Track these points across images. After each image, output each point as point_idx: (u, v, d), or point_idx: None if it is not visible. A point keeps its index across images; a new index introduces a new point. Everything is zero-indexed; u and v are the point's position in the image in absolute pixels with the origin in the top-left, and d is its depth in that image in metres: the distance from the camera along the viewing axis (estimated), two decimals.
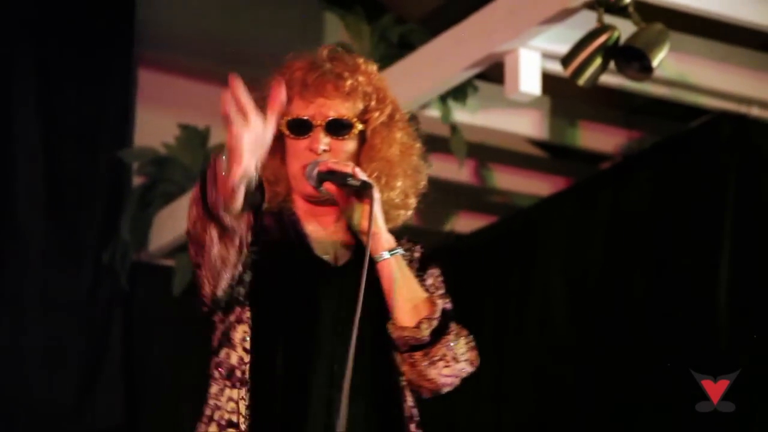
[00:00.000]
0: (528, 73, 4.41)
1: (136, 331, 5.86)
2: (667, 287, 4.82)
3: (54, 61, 5.70)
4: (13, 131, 5.57)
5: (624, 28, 4.26)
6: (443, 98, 4.98)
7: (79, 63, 5.76)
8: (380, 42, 5.16)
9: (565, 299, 5.31)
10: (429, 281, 2.35)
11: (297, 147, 2.29)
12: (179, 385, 5.65)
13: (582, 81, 4.29)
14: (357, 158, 2.31)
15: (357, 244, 2.29)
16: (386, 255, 2.23)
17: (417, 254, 2.39)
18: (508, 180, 5.95)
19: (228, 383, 2.18)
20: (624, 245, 5.09)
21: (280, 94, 2.00)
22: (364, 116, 2.32)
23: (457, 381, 2.27)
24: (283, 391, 2.16)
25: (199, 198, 2.07)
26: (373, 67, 2.39)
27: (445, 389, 2.27)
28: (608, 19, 4.28)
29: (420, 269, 2.34)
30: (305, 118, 2.28)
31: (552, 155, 5.87)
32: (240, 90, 1.97)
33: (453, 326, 2.28)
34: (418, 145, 2.39)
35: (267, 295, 2.21)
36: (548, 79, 4.53)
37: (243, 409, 2.15)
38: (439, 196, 6.88)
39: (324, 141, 2.27)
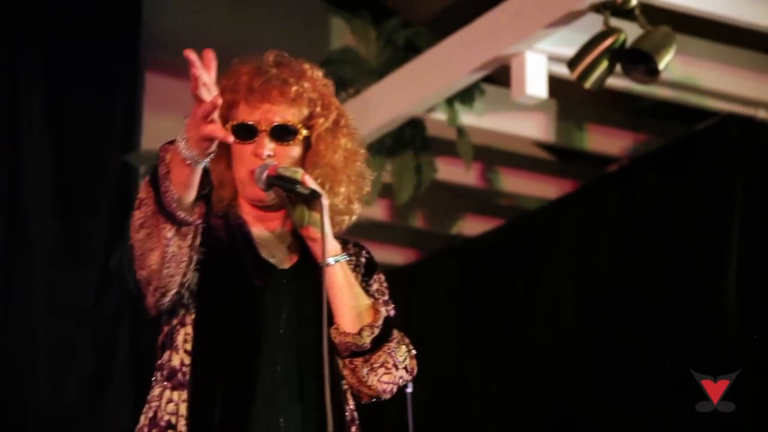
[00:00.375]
0: (534, 76, 4.42)
1: (144, 334, 5.86)
2: (674, 289, 4.82)
3: (61, 66, 5.70)
4: (21, 135, 5.58)
5: (630, 31, 4.26)
6: (450, 101, 4.98)
7: (86, 67, 5.77)
8: (386, 46, 5.16)
9: (572, 301, 5.31)
10: (374, 286, 2.36)
11: (242, 152, 2.30)
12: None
13: (588, 84, 4.30)
14: (302, 164, 2.33)
15: (302, 248, 2.31)
16: (331, 261, 2.24)
17: (363, 259, 2.39)
18: (514, 183, 5.95)
19: (168, 385, 2.20)
20: (631, 248, 5.08)
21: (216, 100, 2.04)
22: (308, 122, 2.33)
23: (395, 389, 2.29)
24: (225, 392, 2.17)
25: (151, 197, 2.09)
26: (319, 73, 2.38)
27: (384, 396, 2.29)
28: (614, 22, 4.28)
29: (366, 274, 2.36)
30: (250, 123, 2.30)
31: (559, 158, 5.87)
32: (210, 67, 2.06)
33: (395, 333, 2.28)
34: (362, 151, 2.38)
35: (212, 297, 2.23)
36: (555, 82, 4.54)
37: (183, 411, 2.16)
38: (447, 199, 6.91)
39: (269, 146, 2.29)
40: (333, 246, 2.25)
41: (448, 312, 5.99)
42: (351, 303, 2.24)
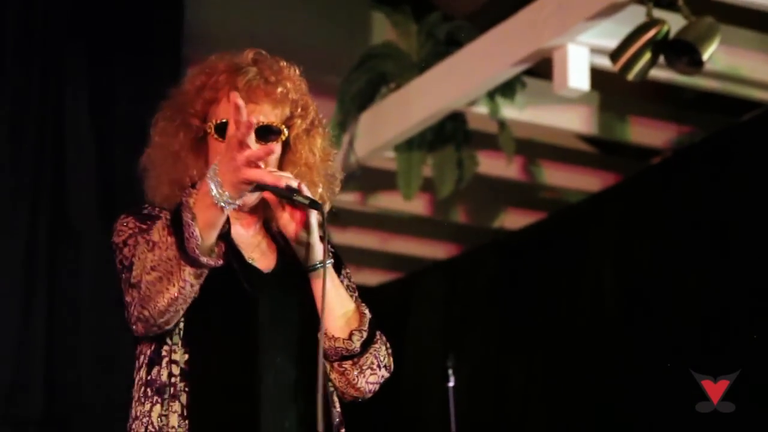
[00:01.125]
0: (576, 69, 4.39)
1: None
2: (719, 281, 4.77)
3: (104, 63, 5.75)
4: (65, 133, 5.63)
5: (673, 22, 4.23)
6: (491, 95, 4.97)
7: (128, 64, 5.81)
8: (427, 40, 5.16)
9: (616, 295, 5.28)
10: (344, 283, 2.34)
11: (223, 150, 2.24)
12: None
13: (631, 76, 4.27)
14: (280, 163, 2.31)
15: (278, 248, 2.30)
16: (318, 266, 2.23)
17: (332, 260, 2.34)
18: (557, 176, 5.92)
19: (159, 399, 2.18)
20: (675, 240, 5.04)
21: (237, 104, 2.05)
22: (288, 122, 2.32)
23: (377, 388, 2.31)
24: (228, 398, 2.17)
25: (172, 242, 2.07)
26: (297, 72, 2.36)
27: (367, 396, 2.31)
28: (657, 13, 4.25)
29: (336, 270, 2.33)
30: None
31: (601, 151, 5.84)
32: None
33: (378, 334, 2.29)
34: (335, 151, 2.38)
35: (204, 303, 2.18)
36: (597, 75, 4.51)
37: (174, 422, 2.15)
38: (488, 193, 6.90)
39: (253, 146, 2.21)
40: (319, 250, 2.23)
41: (490, 306, 5.98)
42: (339, 308, 2.25)
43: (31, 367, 5.40)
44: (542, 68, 4.74)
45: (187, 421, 2.15)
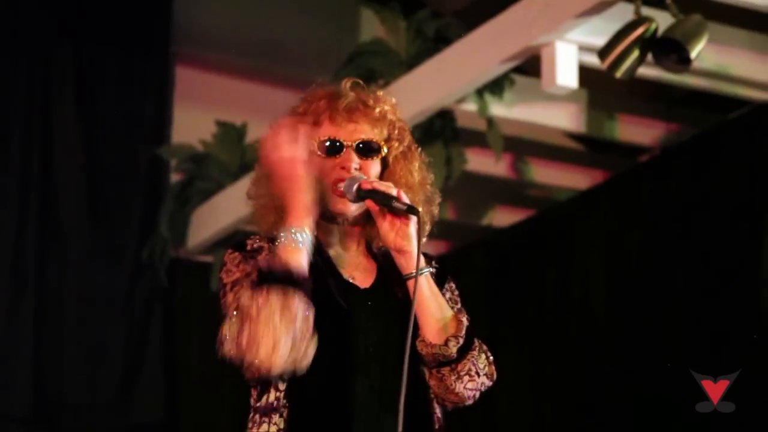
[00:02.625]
0: (565, 66, 4.39)
1: (175, 327, 5.89)
2: (706, 279, 4.78)
3: (92, 60, 5.74)
4: (53, 130, 5.62)
5: (661, 20, 4.23)
6: (480, 92, 4.97)
7: (117, 61, 5.80)
8: (416, 37, 5.15)
9: (603, 293, 5.29)
10: (447, 296, 2.42)
11: (326, 166, 2.36)
12: (219, 380, 5.69)
13: (619, 73, 4.27)
14: None
15: (378, 266, 2.39)
16: (414, 274, 2.29)
17: (433, 270, 2.43)
18: (545, 174, 5.93)
19: (266, 419, 2.25)
20: (663, 238, 5.05)
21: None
22: (387, 143, 2.42)
23: (478, 394, 2.37)
24: (325, 411, 2.24)
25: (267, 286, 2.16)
26: (393, 99, 2.48)
27: (468, 402, 2.36)
28: (645, 10, 4.25)
29: (437, 284, 2.40)
30: (337, 139, 2.37)
31: (590, 148, 5.84)
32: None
33: (476, 342, 2.36)
34: (432, 176, 2.47)
35: None
36: (585, 72, 4.51)
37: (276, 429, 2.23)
38: (477, 190, 6.90)
39: (355, 161, 2.36)
40: (417, 259, 2.30)
41: (479, 304, 5.98)
42: (436, 315, 2.30)
43: (18, 364, 5.40)
44: (531, 66, 4.74)
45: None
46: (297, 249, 2.20)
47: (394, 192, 2.28)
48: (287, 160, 2.24)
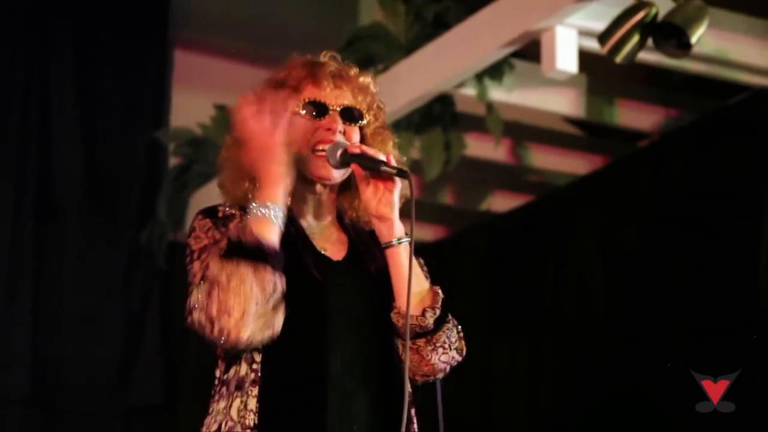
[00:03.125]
0: (565, 51, 4.38)
1: (173, 310, 5.89)
2: (706, 265, 4.78)
3: (90, 43, 5.73)
4: (50, 113, 5.61)
5: (662, 4, 4.21)
6: (479, 77, 4.96)
7: (115, 45, 5.79)
8: (415, 21, 5.13)
9: (602, 278, 5.29)
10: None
11: (309, 128, 2.35)
12: (216, 364, 5.68)
13: (619, 58, 4.26)
14: None
15: (349, 239, 2.37)
16: (395, 242, 2.30)
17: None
18: (544, 159, 5.92)
19: (238, 394, 2.24)
20: (662, 224, 5.05)
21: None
22: (368, 114, 2.41)
23: (448, 368, 2.36)
24: (298, 385, 2.22)
25: (238, 251, 2.14)
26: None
27: (439, 375, 2.36)
28: None
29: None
30: (322, 101, 2.36)
31: (589, 134, 5.83)
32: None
33: (449, 315, 2.36)
34: (404, 159, 2.45)
35: None
36: (585, 57, 4.50)
37: (252, 405, 2.21)
38: (476, 175, 6.88)
39: (340, 125, 2.35)
40: (399, 227, 2.31)
41: (477, 289, 5.98)
42: (415, 287, 2.29)
43: (15, 347, 5.40)
44: (530, 50, 4.72)
45: (257, 405, 2.20)
46: (269, 222, 2.17)
47: (382, 156, 2.28)
48: (264, 131, 2.21)
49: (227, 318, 2.12)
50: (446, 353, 2.32)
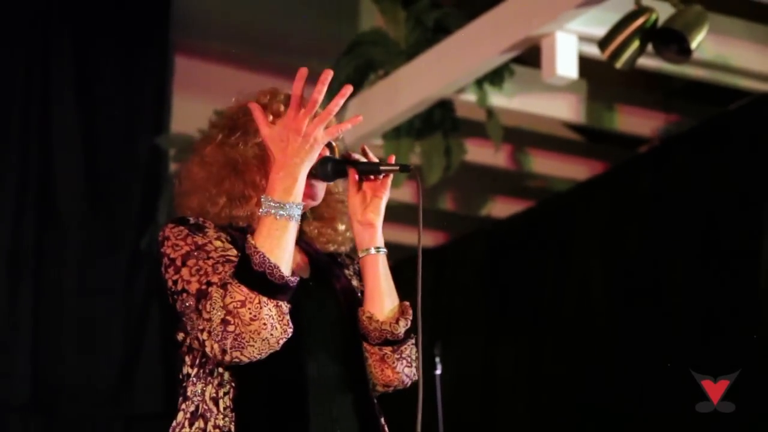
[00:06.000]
0: (565, 57, 4.39)
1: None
2: (705, 271, 4.78)
3: (91, 49, 5.73)
4: (51, 119, 5.61)
5: (662, 10, 4.22)
6: (479, 82, 4.96)
7: (116, 50, 5.79)
8: (416, 26, 5.14)
9: (602, 284, 5.29)
10: None
11: None
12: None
13: (620, 64, 4.26)
14: None
15: (310, 258, 2.38)
16: (373, 251, 2.33)
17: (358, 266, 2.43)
18: (544, 164, 5.92)
19: (214, 382, 2.24)
20: (661, 230, 5.05)
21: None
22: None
23: (408, 383, 2.36)
24: (275, 390, 2.21)
25: (255, 286, 2.10)
26: None
27: (399, 387, 2.36)
28: (646, 1, 4.24)
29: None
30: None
31: (589, 139, 5.84)
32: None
33: (412, 333, 2.36)
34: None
35: None
36: (585, 63, 4.50)
37: (228, 402, 2.21)
38: (476, 181, 6.88)
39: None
40: (380, 237, 2.34)
41: (477, 294, 5.98)
42: (389, 294, 2.32)
43: (17, 353, 5.39)
44: (531, 56, 4.73)
45: (233, 414, 2.19)
46: (287, 226, 2.13)
47: (377, 160, 2.30)
48: (308, 134, 2.15)
49: (240, 354, 2.12)
50: (409, 367, 2.33)
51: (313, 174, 2.25)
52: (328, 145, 2.33)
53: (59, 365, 5.48)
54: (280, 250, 2.13)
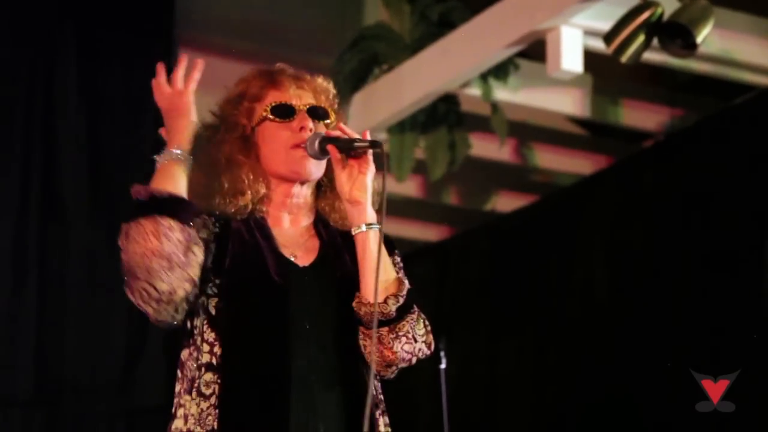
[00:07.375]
0: (570, 51, 4.38)
1: None
2: (710, 266, 4.78)
3: (95, 43, 5.72)
4: (56, 114, 5.61)
5: (667, 4, 4.21)
6: (484, 77, 4.95)
7: (120, 45, 5.78)
8: (420, 20, 5.13)
9: (606, 278, 5.28)
10: (394, 260, 2.42)
11: (280, 131, 2.39)
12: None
13: (625, 58, 4.25)
14: None
15: (321, 244, 2.39)
16: (364, 228, 2.32)
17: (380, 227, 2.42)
18: (549, 159, 5.91)
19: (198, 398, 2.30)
20: (666, 224, 5.04)
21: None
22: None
23: (414, 360, 2.34)
24: (258, 384, 2.23)
25: (146, 205, 2.29)
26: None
27: (402, 365, 2.34)
28: None
29: (387, 248, 2.41)
30: (288, 102, 2.40)
31: (594, 134, 5.83)
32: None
33: (415, 308, 2.34)
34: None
35: (237, 297, 2.29)
36: (590, 57, 4.49)
37: (209, 412, 2.26)
38: (480, 175, 6.88)
39: (310, 122, 2.39)
40: (370, 213, 2.33)
41: (482, 289, 5.98)
42: (380, 274, 2.28)
43: (19, 348, 5.40)
44: (535, 50, 4.72)
45: (217, 410, 2.23)
46: (175, 163, 2.34)
47: (356, 135, 2.33)
48: (178, 93, 2.45)
49: (134, 279, 2.24)
50: (410, 344, 2.30)
51: (308, 153, 2.35)
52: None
53: (62, 359, 5.48)
54: (161, 182, 2.34)
